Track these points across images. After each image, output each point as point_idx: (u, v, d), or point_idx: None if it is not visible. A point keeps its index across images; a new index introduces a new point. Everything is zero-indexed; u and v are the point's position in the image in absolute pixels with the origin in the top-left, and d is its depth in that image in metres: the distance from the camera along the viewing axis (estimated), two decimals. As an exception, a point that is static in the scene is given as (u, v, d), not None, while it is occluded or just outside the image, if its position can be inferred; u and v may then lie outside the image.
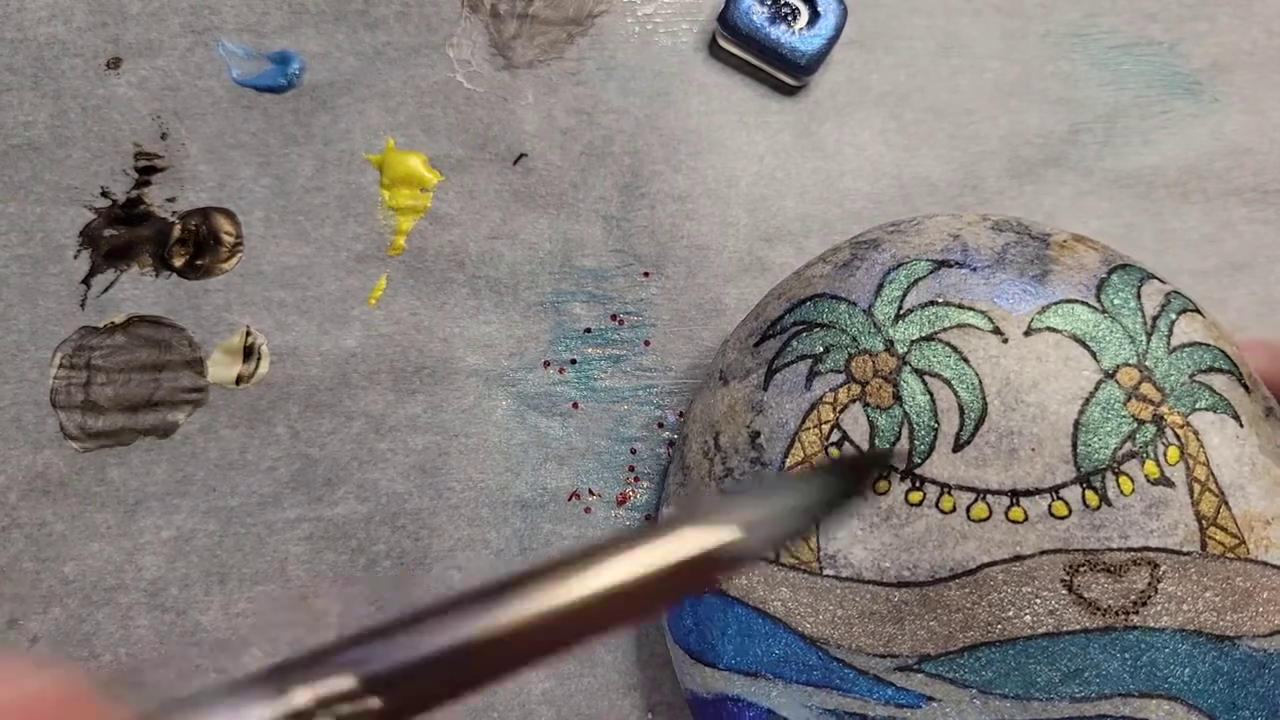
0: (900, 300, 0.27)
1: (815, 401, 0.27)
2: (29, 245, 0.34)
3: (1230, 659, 0.25)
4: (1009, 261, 0.28)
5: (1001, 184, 0.37)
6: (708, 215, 0.36)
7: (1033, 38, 0.38)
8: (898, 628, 0.26)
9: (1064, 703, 0.25)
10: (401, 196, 0.36)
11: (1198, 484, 0.26)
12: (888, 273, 0.28)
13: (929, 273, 0.28)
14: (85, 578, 0.33)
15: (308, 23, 0.36)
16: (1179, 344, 0.27)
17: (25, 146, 0.35)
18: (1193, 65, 0.38)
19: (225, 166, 0.35)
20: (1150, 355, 0.27)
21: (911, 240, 0.29)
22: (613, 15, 0.37)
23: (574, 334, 0.35)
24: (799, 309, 0.29)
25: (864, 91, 0.37)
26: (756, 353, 0.29)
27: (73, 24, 0.36)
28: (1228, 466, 0.26)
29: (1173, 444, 0.26)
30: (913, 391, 0.27)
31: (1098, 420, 0.26)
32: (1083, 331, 0.26)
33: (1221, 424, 0.26)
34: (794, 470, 0.27)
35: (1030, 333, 0.26)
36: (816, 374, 0.27)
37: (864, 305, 0.28)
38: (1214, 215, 0.37)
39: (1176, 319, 0.27)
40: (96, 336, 0.34)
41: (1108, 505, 0.25)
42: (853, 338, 0.27)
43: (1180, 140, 0.37)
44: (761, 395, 0.28)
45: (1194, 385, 0.27)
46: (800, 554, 0.27)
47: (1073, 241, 0.28)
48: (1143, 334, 0.27)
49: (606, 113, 0.36)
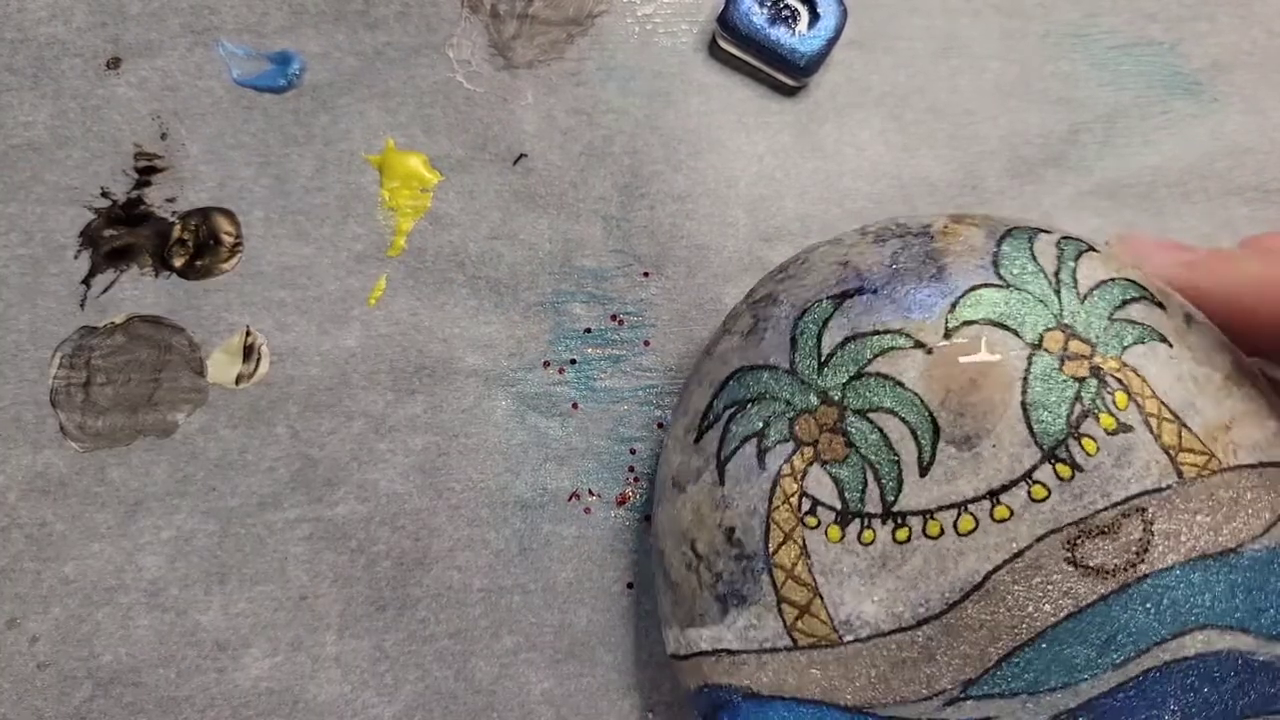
0: (817, 349, 0.27)
1: (774, 478, 0.27)
2: (29, 245, 0.34)
3: (1239, 570, 0.25)
4: (903, 270, 0.27)
5: (1001, 184, 0.37)
6: (707, 215, 0.36)
7: (1032, 38, 0.38)
8: (932, 666, 0.26)
9: (1109, 673, 0.25)
10: (401, 197, 0.36)
11: (1153, 418, 0.26)
12: (794, 325, 0.28)
13: (833, 311, 0.27)
14: (85, 577, 0.33)
15: (308, 23, 0.36)
16: (1087, 289, 0.27)
17: (25, 147, 0.35)
18: (1193, 65, 0.38)
19: (225, 167, 0.35)
20: (1067, 311, 0.27)
21: (804, 282, 0.28)
22: (612, 16, 0.37)
23: (574, 334, 0.35)
24: (725, 391, 0.28)
25: (864, 92, 0.37)
26: (700, 449, 0.28)
27: (73, 24, 0.36)
28: (1173, 390, 0.26)
29: (1118, 389, 0.26)
30: (862, 434, 0.26)
31: (1042, 394, 0.26)
32: (997, 313, 0.26)
33: (1153, 352, 0.26)
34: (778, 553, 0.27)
35: (950, 334, 0.26)
36: (766, 450, 0.27)
37: (785, 366, 0.27)
38: (1215, 215, 0.37)
39: (1076, 265, 0.27)
40: (96, 337, 0.34)
41: (1080, 472, 0.26)
42: (787, 402, 0.27)
43: (1181, 140, 0.37)
44: (721, 491, 0.27)
45: (1115, 324, 0.27)
46: (816, 630, 0.26)
47: (953, 225, 0.28)
48: (1052, 293, 0.27)
49: (606, 113, 0.36)
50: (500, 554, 0.34)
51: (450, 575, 0.34)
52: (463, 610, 0.33)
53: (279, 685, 0.33)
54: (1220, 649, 0.25)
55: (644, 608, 0.34)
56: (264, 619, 0.33)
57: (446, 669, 0.33)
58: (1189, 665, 0.25)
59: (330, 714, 0.33)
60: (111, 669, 0.32)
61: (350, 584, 0.33)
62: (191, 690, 0.32)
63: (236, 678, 0.32)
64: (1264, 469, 0.26)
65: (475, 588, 0.34)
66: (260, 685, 0.32)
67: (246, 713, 0.32)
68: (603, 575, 0.34)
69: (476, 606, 0.33)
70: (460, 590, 0.34)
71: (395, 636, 0.33)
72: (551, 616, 0.34)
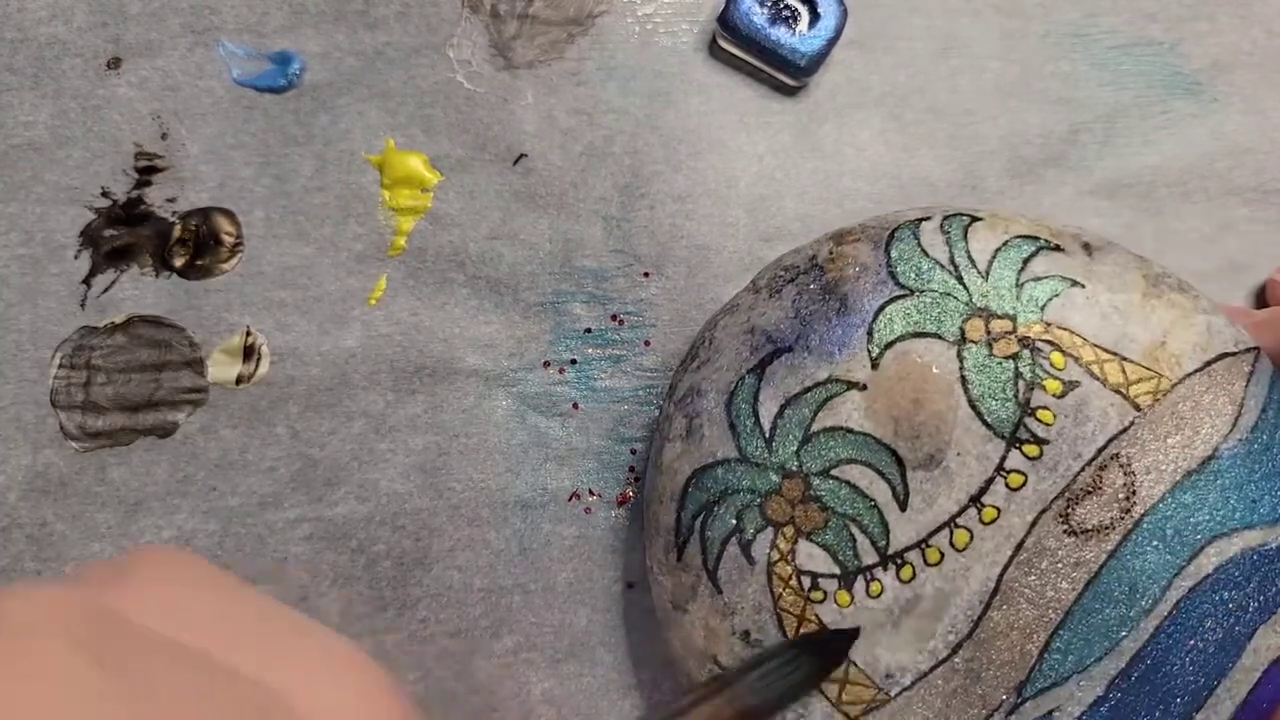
0: (758, 427, 0.27)
1: (767, 568, 0.27)
2: (29, 245, 0.34)
3: (1222, 473, 0.26)
4: (808, 315, 0.27)
5: (1001, 184, 0.37)
6: (708, 215, 0.36)
7: (1032, 38, 0.38)
8: (981, 685, 0.26)
9: (1145, 620, 0.25)
10: (402, 197, 0.36)
11: (1094, 365, 0.26)
12: (726, 410, 0.28)
13: (759, 383, 0.27)
14: (86, 578, 0.33)
15: (308, 23, 0.36)
16: (985, 262, 0.27)
17: (25, 146, 0.35)
18: (1193, 65, 0.38)
19: (225, 167, 0.35)
20: (975, 294, 0.27)
21: (719, 364, 0.28)
22: (613, 16, 0.37)
23: (574, 334, 0.35)
24: (688, 501, 0.28)
25: (864, 92, 0.37)
26: (685, 566, 0.28)
27: (73, 24, 0.36)
28: (1102, 329, 0.26)
29: (1051, 352, 0.26)
30: (833, 493, 0.26)
31: (983, 385, 0.26)
32: (913, 322, 0.26)
33: (1070, 300, 0.27)
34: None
35: (876, 363, 0.26)
36: (748, 544, 0.27)
37: (734, 456, 0.27)
38: (1215, 215, 0.37)
39: (967, 243, 0.27)
40: (97, 336, 0.34)
41: (1046, 444, 0.26)
42: (750, 490, 0.27)
43: (1180, 140, 0.37)
44: (721, 600, 0.27)
45: (1025, 287, 0.27)
46: (861, 697, 0.26)
47: (838, 248, 0.28)
48: (955, 282, 0.27)
49: (606, 113, 0.36)
50: (500, 554, 0.34)
51: (450, 575, 0.34)
52: (463, 610, 0.33)
53: (279, 685, 0.33)
54: (1233, 554, 0.25)
55: (644, 608, 0.34)
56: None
57: (447, 669, 0.33)
58: (1211, 581, 0.25)
59: (331, 714, 0.33)
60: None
61: (351, 584, 0.33)
62: None
63: (237, 677, 0.33)
64: (1209, 368, 0.26)
65: (475, 587, 0.34)
66: (261, 685, 0.33)
67: (247, 712, 0.32)
68: (603, 575, 0.34)
69: (477, 606, 0.33)
70: (460, 590, 0.34)
71: (396, 636, 0.33)
72: (551, 616, 0.34)
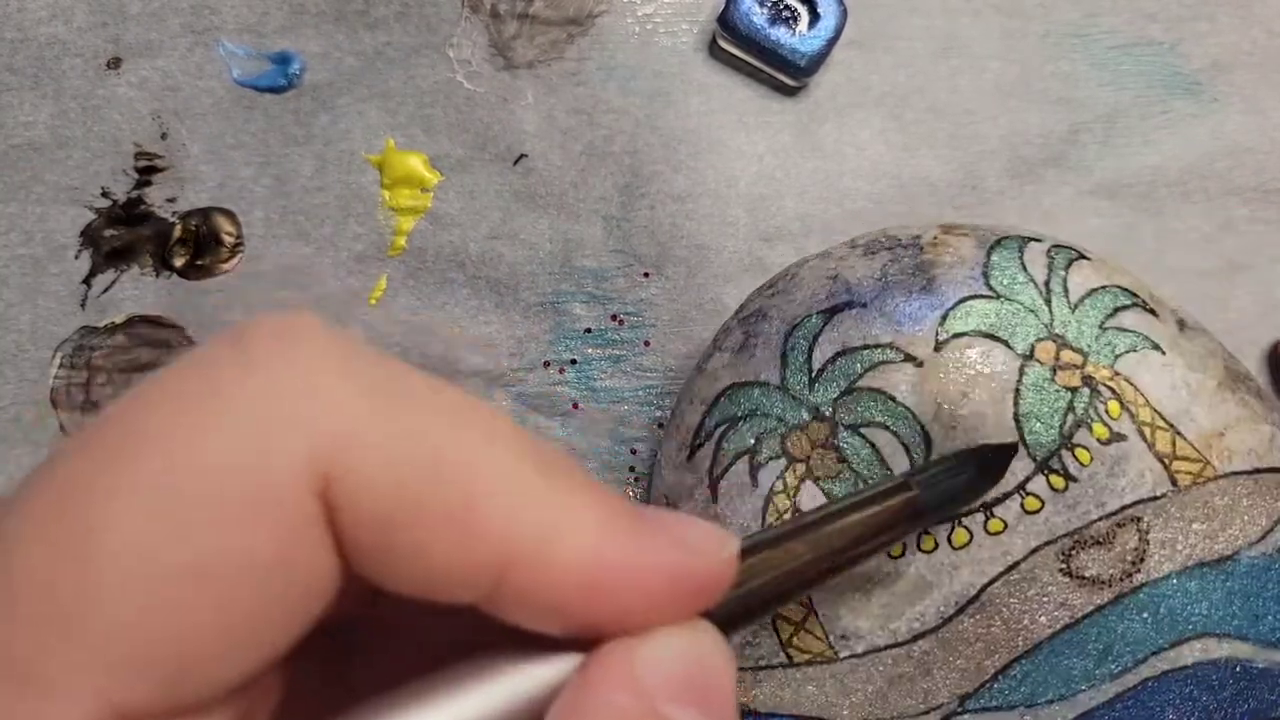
0: (808, 365, 0.27)
1: (767, 495, 0.27)
2: (29, 245, 0.34)
3: (1236, 576, 0.25)
4: (893, 282, 0.27)
5: (1001, 184, 0.37)
6: (707, 215, 0.36)
7: (1032, 38, 0.38)
8: (929, 680, 0.26)
9: (1107, 684, 0.25)
10: (402, 197, 0.36)
11: (1147, 427, 0.26)
12: (785, 341, 0.27)
13: (823, 325, 0.27)
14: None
15: (308, 23, 0.36)
16: (1078, 298, 0.27)
17: (25, 147, 0.35)
18: (1193, 65, 0.38)
19: (226, 167, 0.35)
20: (1057, 321, 0.26)
21: (793, 297, 0.28)
22: (613, 15, 0.37)
23: (574, 334, 0.35)
24: (716, 408, 0.28)
25: (864, 92, 0.37)
26: (692, 467, 0.28)
27: (73, 24, 0.36)
28: (1167, 398, 0.26)
29: (1110, 399, 0.26)
30: (855, 448, 0.26)
31: (1034, 405, 0.26)
32: (988, 324, 0.26)
33: (1145, 360, 0.26)
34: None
35: (940, 347, 0.26)
36: (758, 467, 0.27)
37: (776, 382, 0.27)
38: (1215, 215, 0.37)
39: (1067, 274, 0.27)
40: (97, 337, 0.34)
41: (1074, 482, 0.25)
42: (778, 418, 0.27)
43: (1181, 140, 0.37)
44: (714, 508, 0.27)
45: (1107, 333, 0.27)
46: (811, 647, 0.26)
47: (943, 235, 0.28)
48: (1042, 303, 0.27)
49: (606, 113, 0.36)
50: (500, 554, 0.34)
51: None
52: (463, 610, 0.33)
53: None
54: (1218, 657, 0.25)
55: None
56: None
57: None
58: (1187, 674, 0.25)
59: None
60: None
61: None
62: None
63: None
64: (1259, 475, 0.26)
65: (475, 587, 0.33)
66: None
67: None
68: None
69: (477, 606, 0.33)
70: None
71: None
72: (552, 616, 0.34)
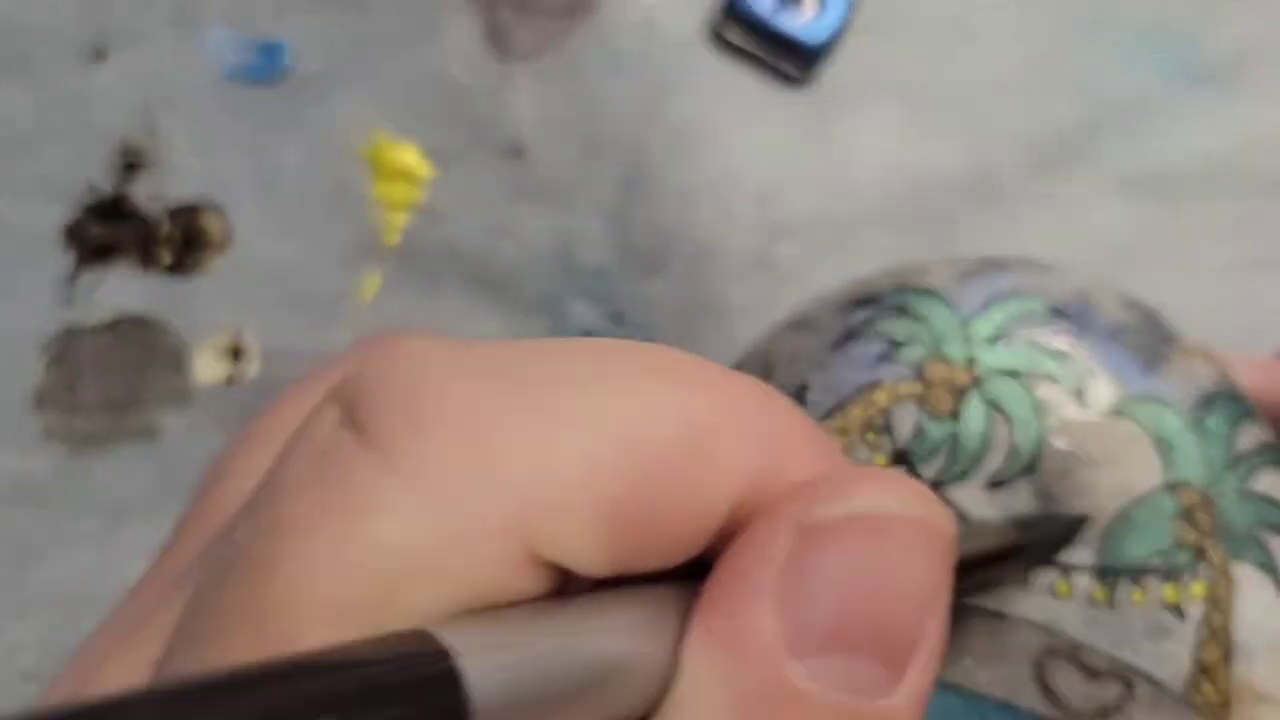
0: (1002, 325, 0.27)
1: (875, 383, 0.26)
2: (11, 242, 0.34)
3: None
4: (1124, 340, 0.27)
5: (1017, 176, 0.36)
6: (711, 210, 0.36)
7: (1050, 27, 0.38)
8: None
9: None
10: (394, 191, 0.35)
11: (1210, 629, 0.25)
12: (1002, 296, 0.27)
13: (1041, 314, 0.27)
14: (70, 584, 0.32)
15: (297, 10, 0.36)
16: (1254, 491, 0.26)
17: (7, 140, 0.35)
18: (1214, 56, 0.38)
19: (213, 160, 0.35)
20: (1219, 488, 0.26)
21: (1040, 280, 0.28)
22: (613, 3, 0.37)
23: (573, 333, 0.35)
24: (902, 293, 0.28)
25: (873, 82, 0.37)
26: (844, 314, 0.28)
27: (56, 13, 0.35)
28: (1248, 628, 0.25)
29: (1203, 579, 0.25)
30: (974, 415, 0.26)
31: (1140, 523, 0.25)
32: (1164, 436, 0.26)
33: (1262, 583, 0.26)
34: None
35: (1113, 413, 0.26)
36: (888, 359, 0.27)
37: (965, 315, 0.27)
38: (1235, 207, 0.37)
39: (1263, 468, 0.27)
40: (81, 335, 0.34)
41: (1111, 607, 0.25)
42: (939, 340, 0.27)
43: (1201, 132, 0.37)
44: (829, 355, 0.27)
45: (1251, 536, 0.26)
46: None
47: (1196, 351, 0.28)
48: (1222, 465, 0.26)
49: (606, 104, 0.36)
50: (497, 560, 0.33)
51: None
52: (458, 618, 0.33)
53: (269, 695, 0.32)
54: None
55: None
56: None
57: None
58: None
59: None
60: (97, 678, 0.32)
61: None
62: None
63: (225, 688, 0.32)
64: None
65: (471, 595, 0.33)
66: (249, 695, 0.32)
67: None
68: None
69: (472, 614, 0.33)
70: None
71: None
72: (550, 624, 0.33)
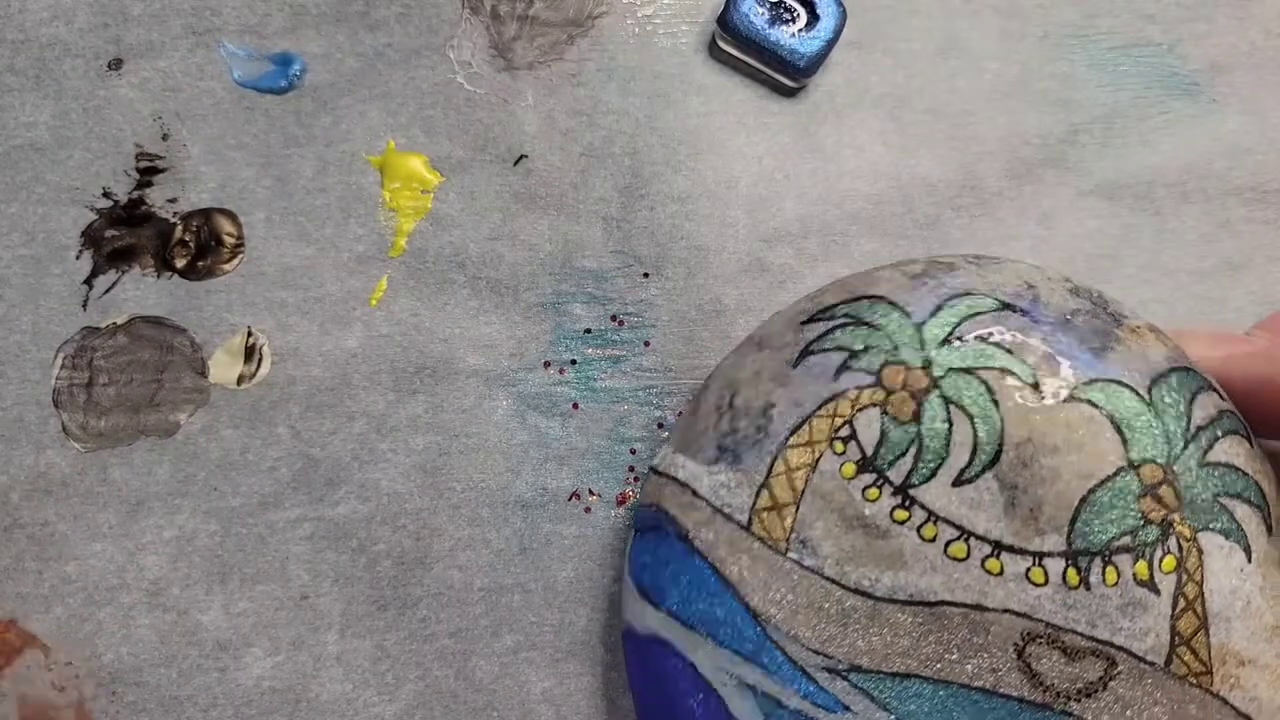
0: (954, 326, 0.27)
1: (837, 394, 0.27)
2: (31, 246, 0.35)
3: None
4: (1074, 327, 0.27)
5: (1000, 185, 0.37)
6: (707, 216, 0.36)
7: (1031, 39, 0.38)
8: (840, 630, 0.26)
9: None
10: (402, 198, 0.36)
11: (1184, 600, 0.25)
12: (951, 297, 0.28)
13: (991, 310, 0.27)
14: (87, 577, 0.33)
15: (309, 24, 0.36)
16: (1214, 461, 0.26)
17: (27, 147, 0.35)
18: (1191, 66, 0.38)
19: (227, 167, 0.35)
20: (1181, 461, 0.26)
21: (987, 276, 0.29)
22: (613, 17, 0.37)
23: (574, 335, 0.35)
24: (855, 304, 0.29)
25: (863, 93, 0.37)
26: (800, 330, 0.29)
27: (75, 25, 0.36)
28: (1221, 595, 0.25)
29: (1172, 553, 0.25)
30: (935, 415, 0.26)
31: (1105, 504, 0.25)
32: (1121, 417, 0.26)
33: (1229, 552, 0.26)
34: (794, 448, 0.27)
35: (1069, 400, 0.26)
36: (847, 368, 0.27)
37: (917, 319, 0.27)
38: (1214, 215, 0.37)
39: (1221, 438, 0.27)
40: (98, 337, 0.34)
41: (1086, 589, 0.25)
42: (895, 346, 0.27)
43: (1179, 141, 0.37)
44: (789, 371, 0.28)
45: (1215, 505, 0.26)
46: (773, 530, 0.27)
47: (1146, 330, 0.28)
48: (1180, 439, 0.26)
49: (606, 114, 0.36)
50: (501, 553, 0.34)
51: (451, 574, 0.34)
52: (463, 609, 0.34)
53: (281, 684, 0.33)
54: None
55: (644, 607, 0.34)
56: (265, 618, 0.33)
57: (447, 668, 0.33)
58: None
59: (332, 713, 0.33)
60: (113, 668, 0.32)
61: (351, 583, 0.33)
62: (194, 690, 0.32)
63: (238, 677, 0.33)
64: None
65: (476, 587, 0.34)
66: (262, 684, 0.33)
67: (249, 712, 0.32)
68: (603, 575, 0.34)
69: (477, 606, 0.34)
70: (461, 589, 0.34)
71: (396, 635, 0.33)
72: (552, 616, 0.34)
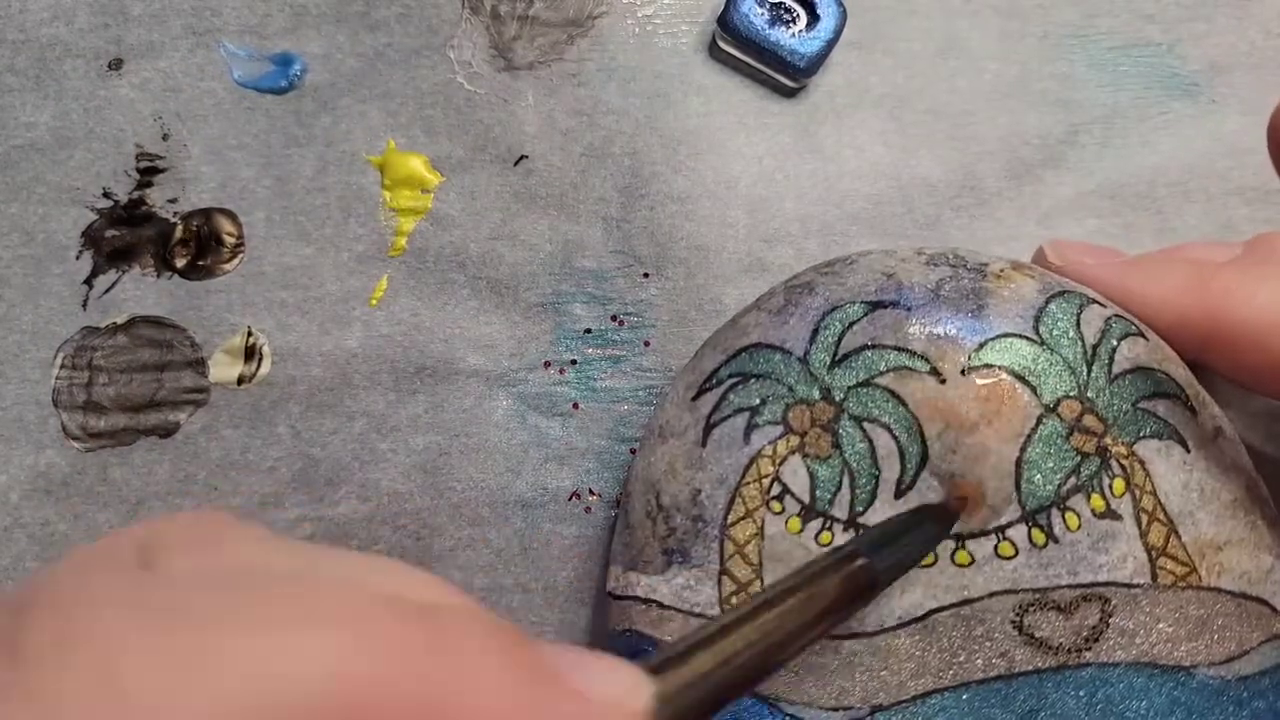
0: (836, 346, 0.27)
1: (754, 455, 0.27)
2: (31, 246, 0.35)
3: (1187, 689, 0.25)
4: (945, 297, 0.27)
5: (1000, 185, 0.37)
6: (707, 216, 0.36)
7: (1031, 39, 0.38)
8: (848, 680, 0.25)
9: None
10: (403, 197, 0.36)
11: (1145, 514, 0.25)
12: (822, 318, 0.27)
13: (863, 315, 0.27)
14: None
15: (309, 25, 0.36)
16: (1120, 371, 0.26)
17: (27, 147, 0.35)
18: (1191, 66, 0.38)
19: (227, 167, 0.35)
20: (1092, 385, 0.26)
21: (845, 281, 0.28)
22: (613, 17, 0.37)
23: (574, 335, 0.35)
24: (735, 360, 0.28)
25: (863, 93, 0.37)
26: (694, 407, 0.28)
27: (75, 25, 0.36)
28: (1176, 494, 0.26)
29: (1118, 475, 0.25)
30: (852, 439, 0.26)
31: (1040, 457, 0.25)
32: (1021, 366, 0.26)
33: (1167, 450, 0.26)
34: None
35: (968, 371, 0.26)
36: (754, 427, 0.27)
37: (799, 354, 0.27)
38: (1216, 215, 0.37)
39: (1118, 345, 0.27)
40: (98, 337, 0.34)
41: (1055, 543, 0.25)
42: (789, 388, 0.27)
43: (1179, 140, 0.37)
44: (700, 451, 0.27)
45: (1137, 413, 0.26)
46: (739, 572, 0.26)
47: (1010, 271, 0.28)
48: (1083, 364, 0.26)
49: (606, 114, 0.36)
50: (501, 553, 0.34)
51: (451, 574, 0.34)
52: (464, 609, 0.34)
53: (281, 684, 0.33)
54: None
55: (644, 607, 0.34)
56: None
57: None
58: None
59: (332, 713, 0.33)
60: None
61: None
62: None
63: (238, 677, 0.33)
64: (1244, 600, 0.25)
65: (476, 587, 0.34)
66: (262, 684, 0.33)
67: (248, 712, 0.32)
68: (603, 575, 0.34)
69: (477, 606, 0.34)
70: (461, 589, 0.34)
71: (396, 636, 0.33)
72: (552, 616, 0.34)
